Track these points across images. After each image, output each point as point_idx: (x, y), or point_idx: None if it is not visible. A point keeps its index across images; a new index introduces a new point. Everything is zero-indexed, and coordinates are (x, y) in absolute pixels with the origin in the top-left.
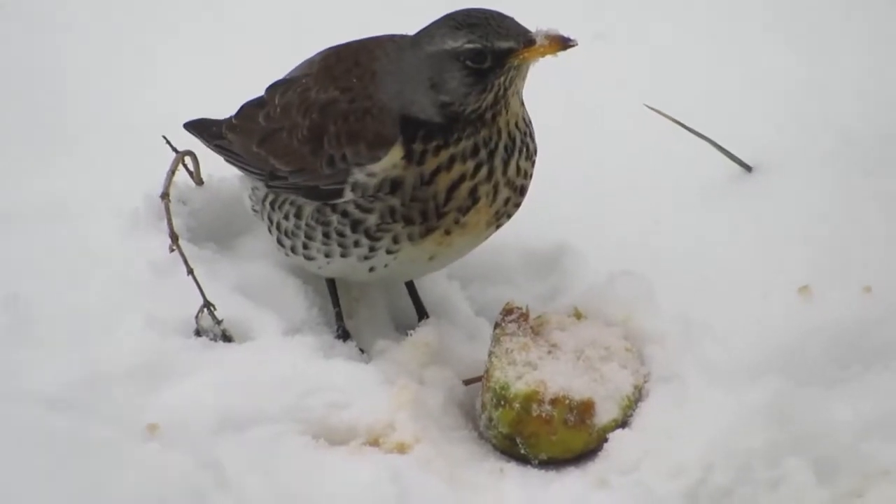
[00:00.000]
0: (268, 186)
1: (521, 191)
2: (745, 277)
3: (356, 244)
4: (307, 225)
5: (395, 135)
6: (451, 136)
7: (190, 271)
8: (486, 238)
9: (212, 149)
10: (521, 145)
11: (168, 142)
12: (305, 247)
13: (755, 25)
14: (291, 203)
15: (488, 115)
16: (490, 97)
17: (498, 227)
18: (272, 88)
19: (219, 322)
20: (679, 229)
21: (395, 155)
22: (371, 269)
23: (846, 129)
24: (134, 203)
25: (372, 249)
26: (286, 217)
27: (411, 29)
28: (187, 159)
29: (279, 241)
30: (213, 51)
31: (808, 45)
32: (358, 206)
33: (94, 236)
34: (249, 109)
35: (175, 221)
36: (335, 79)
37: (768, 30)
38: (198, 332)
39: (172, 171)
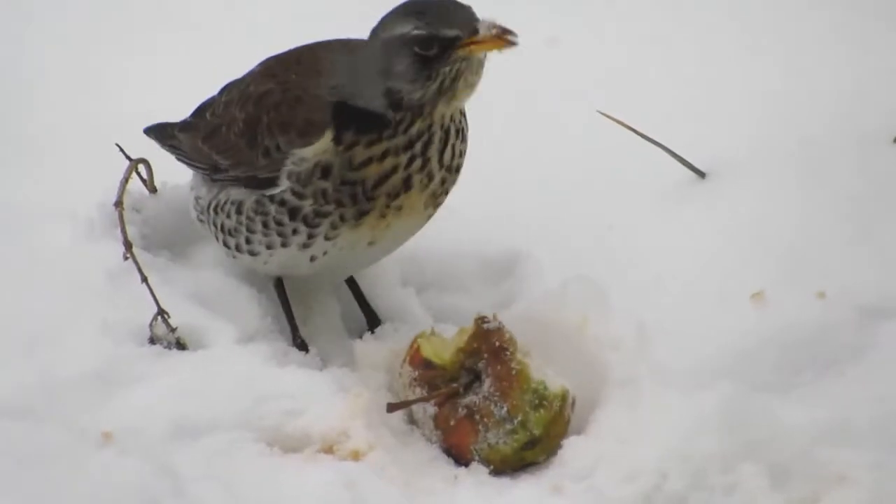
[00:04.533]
0: (212, 180)
1: (457, 169)
2: (699, 283)
3: (295, 232)
4: (248, 218)
5: (326, 121)
6: (385, 131)
7: (144, 279)
8: (428, 219)
9: (166, 149)
10: (455, 132)
11: (122, 150)
12: (248, 241)
13: (710, 30)
14: (232, 202)
15: (428, 108)
16: (434, 86)
17: (437, 206)
18: (223, 88)
19: (173, 330)
20: (633, 234)
21: (326, 140)
22: (312, 259)
23: (800, 134)
24: (88, 211)
25: (311, 237)
26: (228, 216)
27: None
28: (141, 167)
29: (225, 243)
30: (170, 57)
31: (763, 50)
32: (294, 193)
33: (48, 244)
34: (202, 108)
35: (129, 229)
36: (274, 75)
37: (723, 35)
38: (152, 340)
39: (126, 179)
